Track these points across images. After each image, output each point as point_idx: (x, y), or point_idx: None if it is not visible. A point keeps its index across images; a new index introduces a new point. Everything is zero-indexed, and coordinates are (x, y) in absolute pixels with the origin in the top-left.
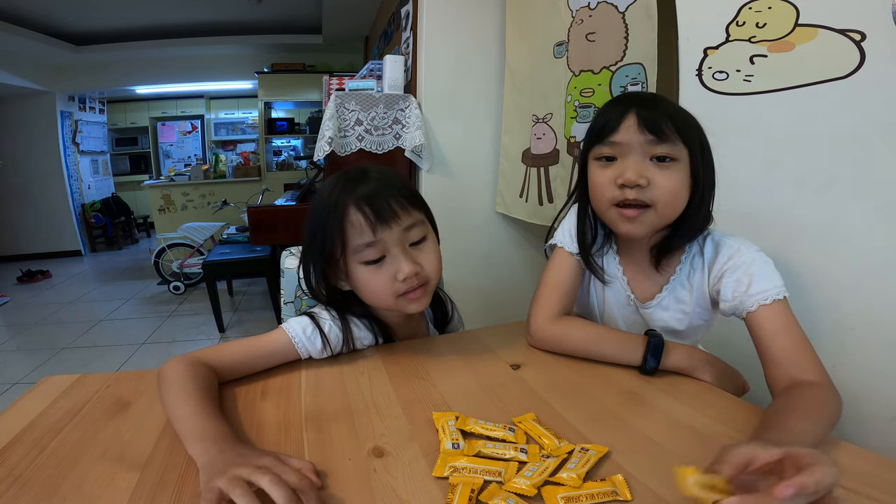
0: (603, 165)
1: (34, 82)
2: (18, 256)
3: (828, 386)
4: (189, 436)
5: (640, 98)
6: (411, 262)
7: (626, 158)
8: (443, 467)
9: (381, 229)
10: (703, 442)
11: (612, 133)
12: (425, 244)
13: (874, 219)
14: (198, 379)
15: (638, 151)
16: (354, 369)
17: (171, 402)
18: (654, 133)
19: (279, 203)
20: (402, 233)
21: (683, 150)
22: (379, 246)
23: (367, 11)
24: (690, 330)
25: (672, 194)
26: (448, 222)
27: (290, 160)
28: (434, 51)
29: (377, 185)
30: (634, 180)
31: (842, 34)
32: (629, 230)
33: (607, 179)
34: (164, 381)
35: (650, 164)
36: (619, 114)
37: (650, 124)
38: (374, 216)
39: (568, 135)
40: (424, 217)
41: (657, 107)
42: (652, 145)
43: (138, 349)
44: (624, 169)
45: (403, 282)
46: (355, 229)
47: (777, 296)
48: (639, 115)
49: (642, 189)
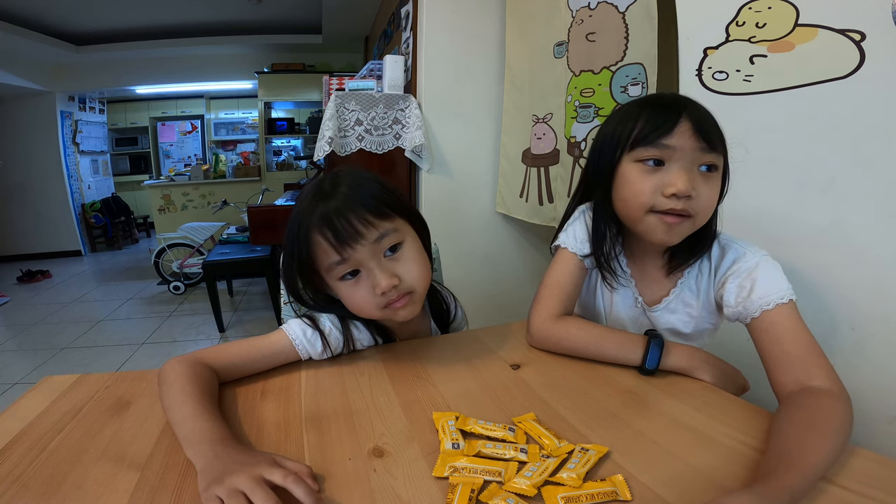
0: (647, 170)
1: (34, 82)
2: (18, 256)
3: (838, 393)
4: (187, 438)
5: (689, 101)
6: (388, 276)
7: (673, 164)
8: (443, 467)
9: (346, 249)
10: (703, 442)
11: (665, 135)
12: (402, 251)
13: (874, 219)
14: (197, 380)
15: (689, 158)
16: (354, 369)
17: (170, 403)
18: (707, 141)
19: (279, 203)
20: (373, 245)
21: (721, 160)
22: (349, 262)
23: (367, 11)
24: (697, 333)
25: (712, 205)
26: (448, 222)
27: (290, 160)
28: (434, 51)
29: (341, 202)
30: (686, 191)
31: (842, 34)
32: (666, 239)
33: (651, 187)
34: (163, 382)
35: (697, 173)
36: (673, 117)
37: (705, 130)
38: (334, 238)
39: (568, 135)
40: (401, 221)
41: (705, 113)
42: (702, 153)
43: (138, 349)
44: (673, 178)
45: (383, 295)
46: (321, 251)
47: (781, 300)
48: (692, 119)
49: (689, 200)
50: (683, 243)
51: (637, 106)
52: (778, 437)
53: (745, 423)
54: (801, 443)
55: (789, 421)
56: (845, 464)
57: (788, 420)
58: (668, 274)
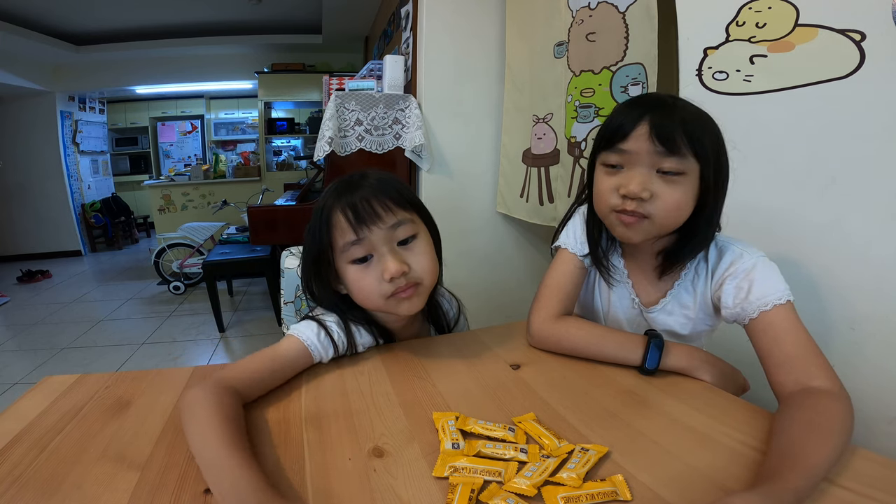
0: (608, 172)
1: (34, 82)
2: (18, 256)
3: (839, 393)
4: (216, 486)
5: (659, 102)
6: (398, 262)
7: (632, 168)
8: (443, 467)
9: (363, 229)
10: (703, 442)
11: (622, 140)
12: (415, 243)
13: (874, 218)
14: (224, 412)
15: (645, 162)
16: (354, 369)
17: (197, 444)
18: (665, 144)
19: (279, 203)
20: (388, 231)
21: (693, 164)
22: (364, 244)
23: (367, 11)
24: (695, 334)
25: (673, 209)
26: (448, 222)
27: (290, 160)
28: (434, 51)
29: (366, 191)
30: (637, 192)
31: (842, 34)
32: (625, 236)
33: (610, 187)
34: (187, 414)
35: (656, 176)
36: (632, 119)
37: (663, 134)
38: (354, 217)
39: (568, 135)
40: (416, 217)
41: (674, 114)
42: (660, 157)
43: (138, 349)
44: (626, 180)
45: (391, 282)
46: (339, 230)
47: (779, 300)
48: (652, 122)
49: (643, 202)
50: (674, 246)
51: (616, 108)
52: (780, 438)
53: (745, 423)
54: (804, 443)
55: (791, 421)
56: (846, 464)
57: (790, 420)
58: (661, 277)
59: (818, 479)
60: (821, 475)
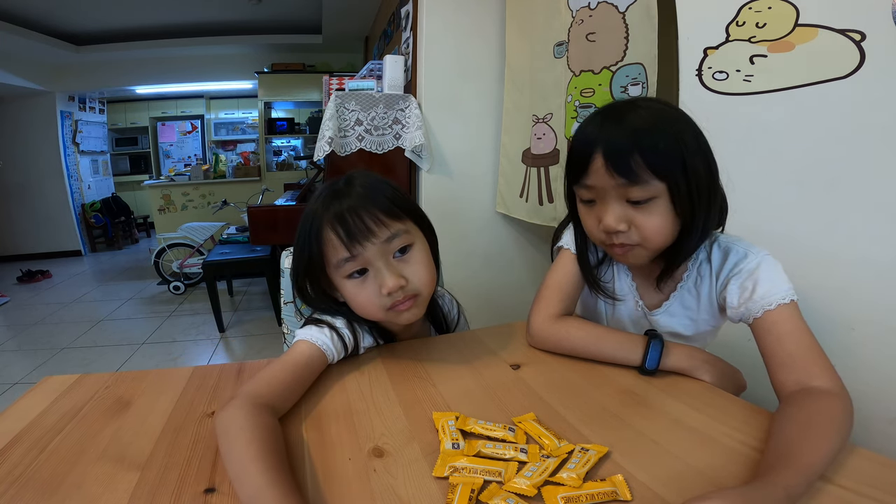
0: (586, 205)
1: (34, 82)
2: (18, 256)
3: (839, 393)
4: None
5: (609, 122)
6: (395, 276)
7: (603, 202)
8: (443, 467)
9: (355, 246)
10: (703, 442)
11: (583, 176)
12: (411, 254)
13: (874, 219)
14: (263, 436)
15: (613, 195)
16: (354, 369)
17: (236, 470)
18: (624, 176)
19: (279, 203)
20: (382, 246)
21: (660, 186)
22: (358, 260)
23: (367, 11)
24: (698, 335)
25: (657, 234)
26: (448, 222)
27: (290, 160)
28: (434, 51)
29: (355, 200)
30: (614, 228)
31: (842, 34)
32: (624, 261)
33: (593, 222)
34: (224, 440)
35: (629, 206)
36: (587, 153)
37: (619, 166)
38: (346, 234)
39: (568, 135)
40: (412, 225)
41: (626, 133)
42: (625, 188)
43: (138, 349)
44: (604, 213)
45: (389, 296)
46: (331, 246)
47: (783, 300)
48: (605, 153)
49: (625, 233)
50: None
51: (575, 132)
52: (777, 436)
53: (745, 422)
54: (800, 442)
55: (789, 420)
56: (844, 463)
57: (788, 419)
58: (662, 279)
59: (813, 478)
60: (816, 473)
